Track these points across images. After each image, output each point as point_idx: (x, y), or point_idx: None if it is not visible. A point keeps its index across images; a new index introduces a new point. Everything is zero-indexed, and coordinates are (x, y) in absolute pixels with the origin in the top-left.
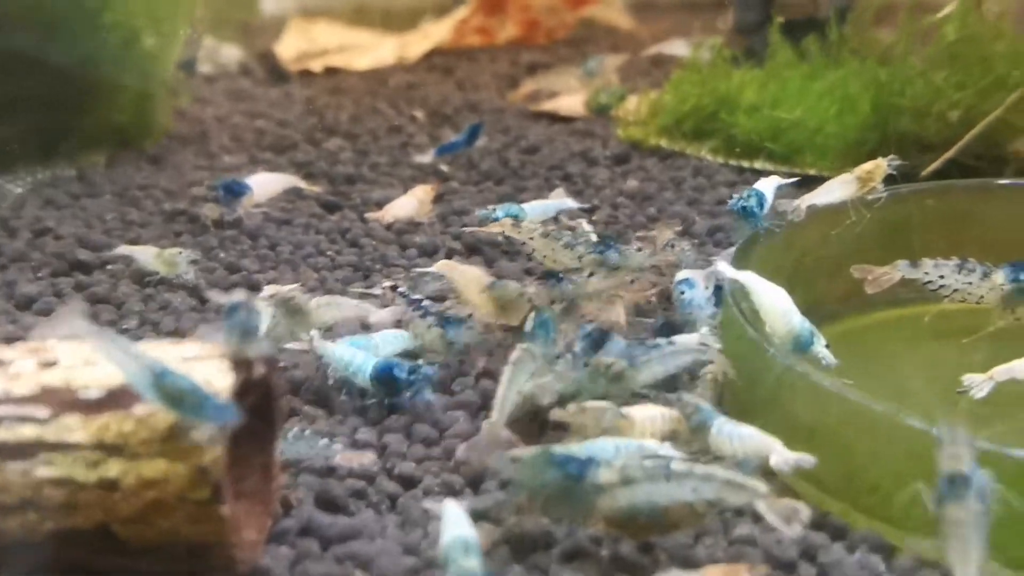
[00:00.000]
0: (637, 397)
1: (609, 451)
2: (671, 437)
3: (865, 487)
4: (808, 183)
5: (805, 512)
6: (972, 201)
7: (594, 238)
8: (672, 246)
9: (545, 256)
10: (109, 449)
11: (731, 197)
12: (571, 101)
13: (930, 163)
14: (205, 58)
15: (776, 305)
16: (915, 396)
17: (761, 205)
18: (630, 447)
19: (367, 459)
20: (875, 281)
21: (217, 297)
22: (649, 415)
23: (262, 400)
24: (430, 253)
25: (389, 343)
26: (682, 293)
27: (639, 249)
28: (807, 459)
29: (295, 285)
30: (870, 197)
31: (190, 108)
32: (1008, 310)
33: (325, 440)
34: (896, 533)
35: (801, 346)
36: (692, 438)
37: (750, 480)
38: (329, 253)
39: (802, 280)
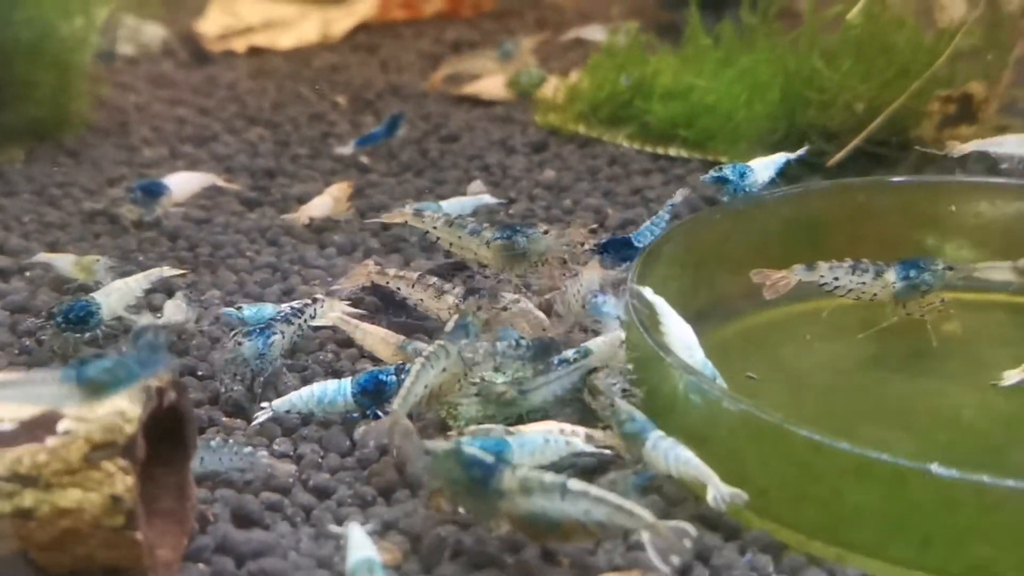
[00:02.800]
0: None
1: (537, 443)
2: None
3: (755, 490)
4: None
5: (692, 535)
6: (868, 198)
7: None
8: (583, 245)
9: (451, 244)
10: (24, 480)
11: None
12: (491, 84)
13: (836, 151)
14: (127, 39)
15: (682, 339)
16: (811, 392)
17: (742, 175)
18: (558, 443)
19: (286, 470)
20: (773, 286)
21: (129, 317)
22: (543, 431)
23: (174, 424)
24: (348, 251)
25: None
26: (595, 297)
27: (546, 232)
28: (740, 495)
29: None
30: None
31: (111, 96)
32: (900, 305)
33: (249, 448)
34: (785, 532)
35: None
36: (624, 445)
37: (639, 508)
38: (248, 254)
39: (706, 279)
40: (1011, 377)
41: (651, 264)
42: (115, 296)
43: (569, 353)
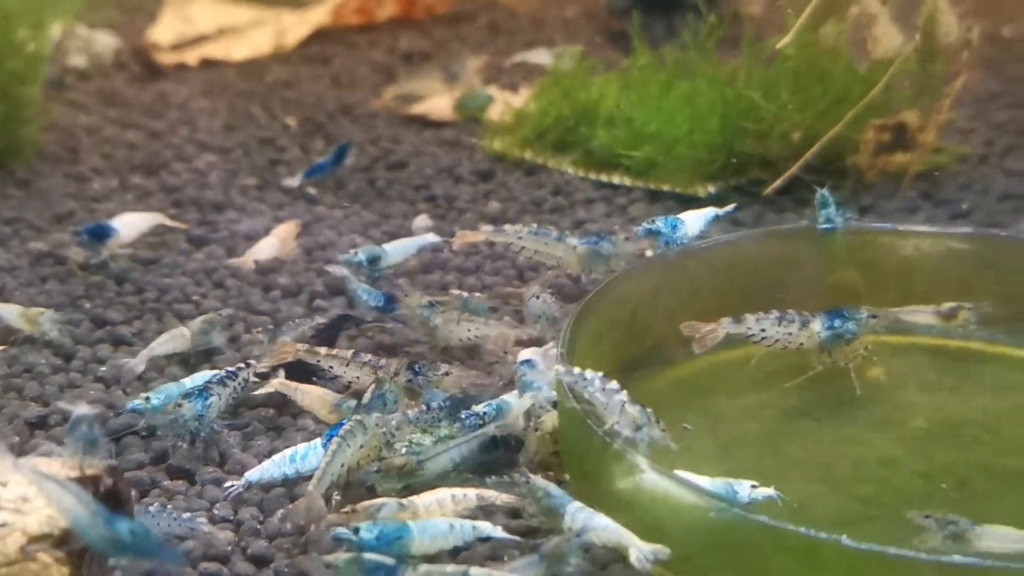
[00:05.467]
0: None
1: (441, 529)
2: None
3: (680, 556)
4: (661, 199)
5: None
6: (795, 246)
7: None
8: (537, 297)
9: (536, 252)
10: None
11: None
12: (440, 104)
13: (774, 180)
14: (79, 50)
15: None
16: (740, 444)
17: (674, 228)
18: (464, 528)
19: (225, 537)
20: (702, 340)
21: (66, 406)
22: (437, 500)
23: (113, 508)
24: (294, 294)
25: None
26: (523, 375)
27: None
28: (663, 551)
29: None
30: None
31: (61, 116)
32: (826, 354)
33: (187, 515)
34: None
35: None
36: (544, 521)
37: None
38: (195, 298)
39: (639, 329)
40: None
41: (584, 321)
42: None
43: (480, 408)
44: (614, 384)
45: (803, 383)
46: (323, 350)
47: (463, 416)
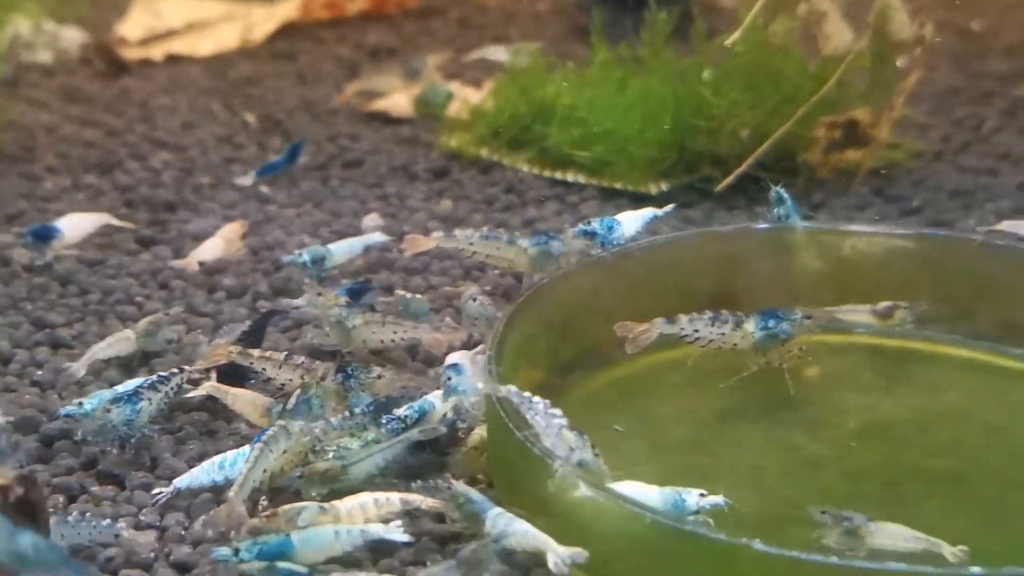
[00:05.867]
0: None
1: (326, 538)
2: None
3: (600, 560)
4: (614, 197)
5: None
6: (733, 246)
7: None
8: (474, 299)
9: (488, 256)
10: None
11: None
12: (400, 101)
13: (725, 177)
14: (45, 46)
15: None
16: (672, 446)
17: (610, 229)
18: (352, 533)
19: (147, 543)
20: (635, 340)
21: None
22: (359, 504)
23: (25, 518)
24: (238, 295)
25: None
26: (448, 379)
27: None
28: (581, 554)
29: None
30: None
31: (22, 113)
32: (760, 355)
33: (107, 521)
34: None
35: None
36: (466, 525)
37: None
38: (138, 299)
39: (576, 331)
40: None
41: (515, 324)
42: None
43: (401, 411)
44: (556, 411)
45: (739, 384)
46: (256, 352)
47: (384, 420)
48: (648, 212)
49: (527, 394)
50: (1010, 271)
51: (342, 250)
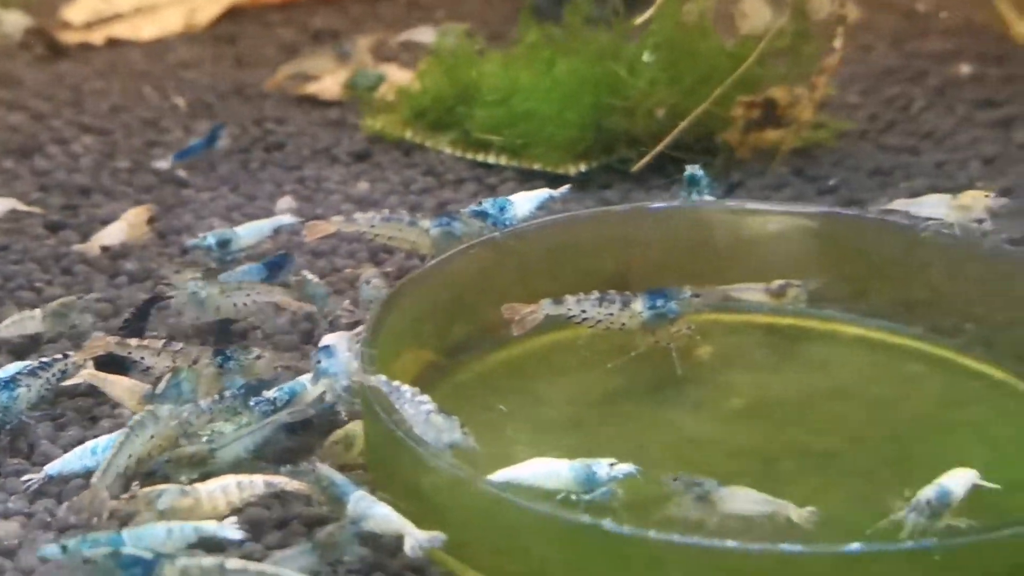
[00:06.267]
0: None
1: (158, 535)
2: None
3: (457, 541)
4: (532, 179)
5: None
6: (628, 226)
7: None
8: (368, 283)
9: (390, 239)
10: None
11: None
12: (331, 84)
13: (641, 158)
14: None
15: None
16: (556, 426)
17: (502, 209)
18: (184, 531)
19: (10, 530)
20: (520, 322)
21: None
22: (221, 487)
23: None
24: (141, 280)
25: None
26: (318, 362)
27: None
28: (438, 537)
29: None
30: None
31: None
32: (649, 334)
33: None
34: None
35: None
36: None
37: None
38: (38, 284)
39: (466, 311)
40: None
41: (395, 306)
42: None
43: (271, 394)
44: (424, 397)
45: (630, 364)
46: (134, 341)
47: (252, 403)
48: (543, 193)
49: (396, 383)
50: (904, 249)
51: (249, 232)
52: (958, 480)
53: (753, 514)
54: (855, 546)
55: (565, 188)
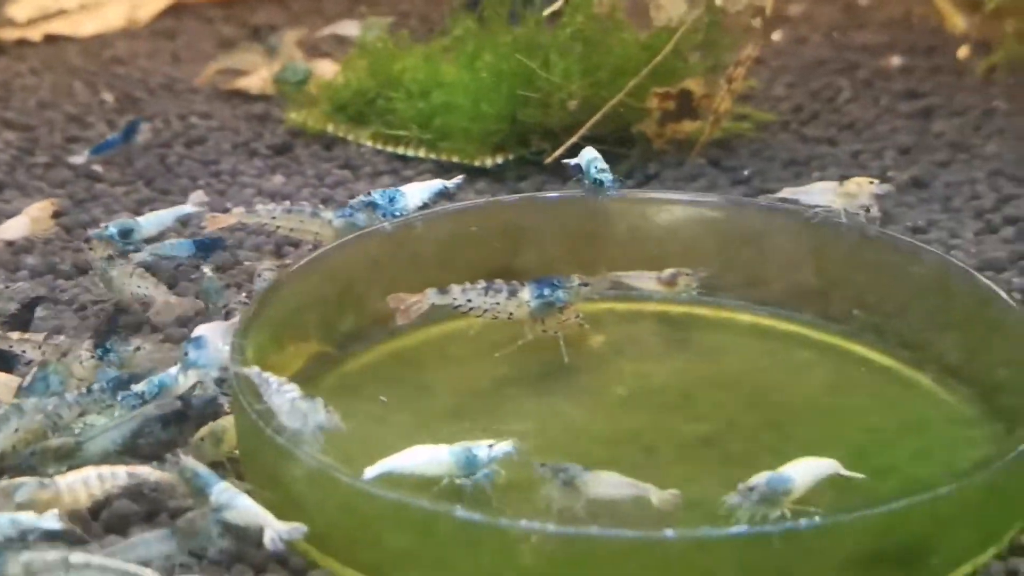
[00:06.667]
0: None
1: None
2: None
3: (317, 532)
4: (449, 171)
5: None
6: (520, 215)
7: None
8: (260, 275)
9: (292, 230)
10: None
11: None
12: (260, 78)
13: (555, 149)
14: None
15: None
16: (440, 416)
17: (391, 200)
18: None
19: None
20: (405, 312)
21: None
22: (82, 479)
23: None
24: (42, 274)
25: None
26: (186, 353)
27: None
28: (298, 529)
29: None
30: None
31: None
32: (537, 323)
33: None
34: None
35: None
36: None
37: (143, 571)
38: None
39: (354, 302)
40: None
41: (275, 297)
42: None
43: (139, 387)
44: (289, 385)
45: (519, 353)
46: (15, 335)
47: (120, 396)
48: (436, 183)
49: (264, 373)
50: (795, 237)
51: (151, 222)
52: (802, 469)
53: (617, 498)
54: (631, 533)
55: (459, 178)
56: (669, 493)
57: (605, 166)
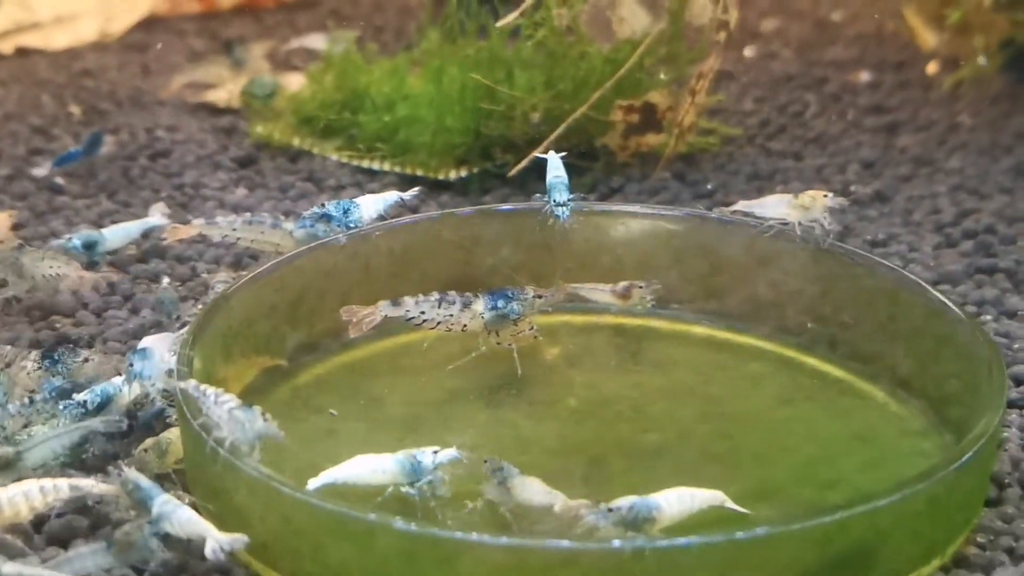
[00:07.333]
0: None
1: None
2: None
3: (259, 543)
4: (413, 184)
5: None
6: (474, 227)
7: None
8: (213, 288)
9: (253, 241)
10: None
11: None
12: (228, 92)
13: (518, 162)
14: None
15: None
16: (390, 428)
17: (346, 212)
18: None
19: None
20: (358, 324)
21: None
22: (23, 491)
23: None
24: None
25: None
26: (131, 365)
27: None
28: (239, 539)
29: None
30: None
31: None
32: (491, 335)
33: None
34: None
35: None
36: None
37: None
38: None
39: (307, 314)
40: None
41: (222, 312)
42: None
43: (82, 397)
44: (227, 396)
45: (472, 365)
46: None
47: (62, 406)
48: (391, 195)
49: (203, 386)
50: (750, 250)
51: (116, 235)
52: (675, 498)
53: (535, 504)
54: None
55: (415, 190)
56: (577, 503)
57: (564, 198)
